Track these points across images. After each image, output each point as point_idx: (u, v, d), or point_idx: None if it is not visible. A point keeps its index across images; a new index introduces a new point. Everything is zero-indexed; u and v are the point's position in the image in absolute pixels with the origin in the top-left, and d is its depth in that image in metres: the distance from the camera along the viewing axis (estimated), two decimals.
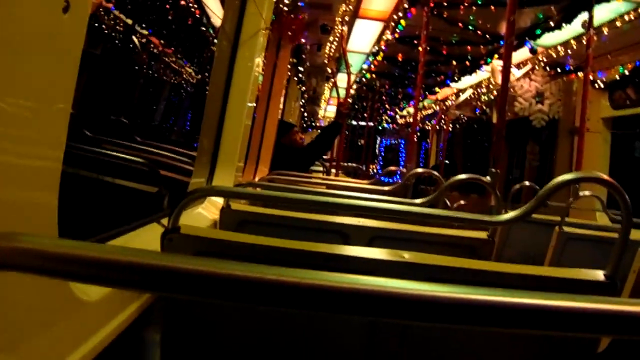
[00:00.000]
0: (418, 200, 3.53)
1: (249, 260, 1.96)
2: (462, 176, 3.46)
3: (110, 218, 2.77)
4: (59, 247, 0.79)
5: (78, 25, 1.27)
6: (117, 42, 11.75)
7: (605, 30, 7.73)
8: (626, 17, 7.29)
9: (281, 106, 8.05)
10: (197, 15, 9.72)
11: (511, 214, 2.14)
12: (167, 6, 10.45)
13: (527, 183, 6.74)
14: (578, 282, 2.05)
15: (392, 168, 6.95)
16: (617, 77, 8.92)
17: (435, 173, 4.43)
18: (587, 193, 5.77)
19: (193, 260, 0.79)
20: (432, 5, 7.58)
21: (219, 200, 3.30)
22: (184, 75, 17.59)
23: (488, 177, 3.99)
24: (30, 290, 1.26)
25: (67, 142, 1.30)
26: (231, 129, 4.00)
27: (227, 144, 3.99)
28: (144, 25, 12.47)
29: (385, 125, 25.64)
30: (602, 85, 9.31)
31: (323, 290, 0.80)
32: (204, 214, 3.32)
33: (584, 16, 7.02)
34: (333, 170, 10.61)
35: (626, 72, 8.71)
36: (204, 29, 10.44)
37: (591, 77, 8.94)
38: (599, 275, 2.02)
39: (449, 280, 1.98)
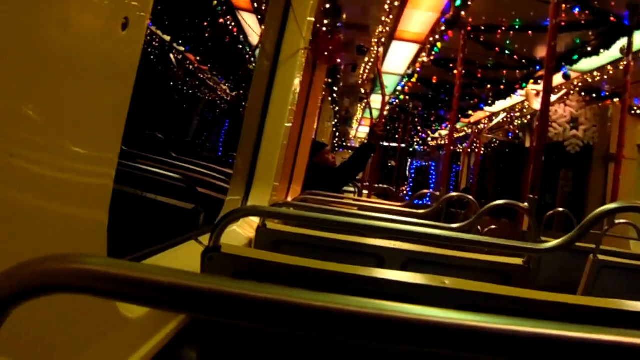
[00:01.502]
0: (454, 225, 3.51)
1: (286, 281, 1.98)
2: (500, 202, 3.44)
3: (148, 234, 2.80)
4: (111, 267, 0.80)
5: (135, 42, 1.29)
6: (153, 57, 11.88)
7: None
8: None
9: (315, 125, 8.07)
10: (235, 33, 9.79)
11: (553, 243, 2.13)
12: (205, 24, 10.54)
13: (560, 209, 6.69)
14: (617, 313, 2.03)
15: (425, 191, 6.93)
16: None
17: (470, 197, 4.43)
18: (622, 221, 5.72)
19: (234, 283, 0.80)
20: (469, 28, 7.59)
21: (255, 219, 3.31)
22: (219, 92, 17.73)
23: (525, 204, 3.97)
24: (81, 306, 1.28)
25: None
26: (268, 148, 4.02)
27: (264, 163, 4.01)
28: (180, 42, 12.60)
29: (417, 147, 25.62)
30: (638, 112, 9.24)
31: (361, 317, 0.80)
32: (240, 232, 3.33)
33: (622, 41, 6.98)
34: (365, 192, 10.62)
35: None
36: (240, 46, 10.51)
37: (628, 104, 8.89)
38: (639, 306, 2.00)
39: (487, 307, 1.99)
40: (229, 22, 9.31)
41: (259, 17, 7.87)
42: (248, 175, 3.97)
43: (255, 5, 7.50)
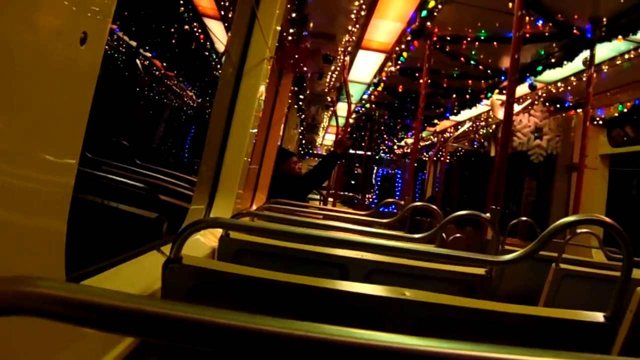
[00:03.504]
0: (417, 235, 3.53)
1: (247, 293, 1.97)
2: (462, 212, 3.47)
3: (109, 243, 2.77)
4: (63, 290, 0.79)
5: (94, 56, 1.28)
6: (120, 63, 11.80)
7: (606, 68, 7.80)
8: (626, 56, 7.35)
9: (280, 133, 8.07)
10: (201, 40, 9.76)
11: (512, 255, 2.15)
12: (171, 30, 10.48)
13: (523, 218, 6.75)
14: (578, 324, 2.05)
15: (390, 200, 6.94)
16: (616, 114, 8.97)
17: (434, 207, 4.44)
18: (584, 230, 5.79)
19: (181, 307, 0.79)
20: (434, 39, 7.64)
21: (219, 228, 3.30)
22: (185, 99, 17.65)
23: (488, 214, 4.00)
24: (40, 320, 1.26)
25: None
26: (232, 156, 4.00)
27: (228, 171, 3.99)
28: (147, 48, 12.53)
29: (383, 155, 25.69)
30: (601, 123, 9.37)
31: (306, 341, 0.80)
32: (203, 241, 3.31)
33: (585, 54, 7.08)
34: (330, 199, 10.63)
35: (625, 110, 8.77)
36: (207, 53, 10.48)
37: (590, 114, 9.01)
38: (599, 317, 2.03)
39: (448, 319, 2.00)
40: (195, 29, 9.28)
41: (226, 24, 7.84)
42: (212, 183, 3.95)
43: (222, 13, 7.47)
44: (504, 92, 9.05)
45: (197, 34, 9.45)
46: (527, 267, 5.43)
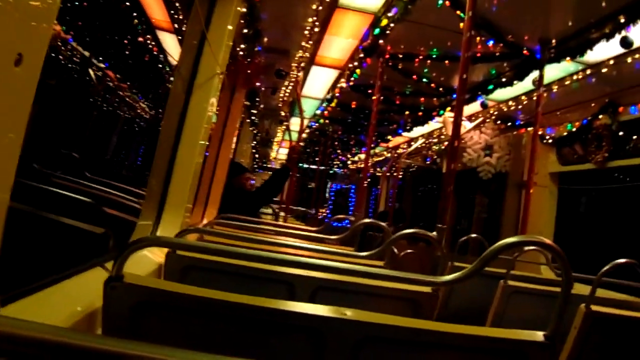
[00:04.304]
0: (364, 253, 3.55)
1: (191, 312, 1.96)
2: (408, 231, 3.49)
3: (54, 259, 2.72)
4: None
5: (30, 77, 1.26)
6: (73, 73, 11.69)
7: (555, 88, 7.93)
8: (575, 77, 7.49)
9: (233, 146, 8.04)
10: (154, 53, 9.72)
11: (453, 276, 2.17)
12: (125, 41, 10.42)
13: (473, 235, 6.80)
14: (518, 343, 2.08)
15: (341, 216, 6.96)
16: (565, 133, 9.12)
17: (383, 225, 4.45)
18: (531, 248, 5.86)
19: (98, 339, 0.79)
20: (387, 56, 7.69)
21: None
22: (138, 111, 17.54)
23: (434, 233, 4.03)
24: None
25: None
26: (182, 170, 3.97)
27: (178, 185, 3.95)
28: (100, 58, 12.44)
29: (337, 169, 25.74)
30: (550, 141, 9.51)
31: None
32: (150, 257, 3.28)
33: (535, 74, 7.19)
34: (283, 213, 10.61)
35: (574, 129, 8.92)
36: (160, 66, 10.43)
37: (540, 133, 9.15)
38: (539, 336, 2.06)
39: (388, 339, 2.01)
40: (148, 41, 9.24)
41: (179, 37, 7.83)
42: (161, 197, 3.92)
43: (176, 26, 7.45)
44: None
45: (150, 46, 9.41)
46: (476, 284, 5.46)
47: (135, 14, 7.92)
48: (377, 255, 3.67)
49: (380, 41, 6.69)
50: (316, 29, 6.89)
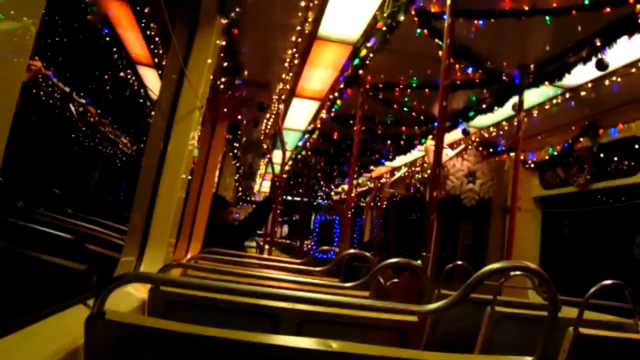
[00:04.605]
0: (349, 284, 3.53)
1: (175, 349, 1.93)
2: (393, 260, 3.48)
3: (35, 297, 2.69)
4: None
5: (5, 113, 1.25)
6: (54, 109, 11.66)
7: (535, 113, 7.99)
8: (554, 101, 7.55)
9: (215, 181, 8.02)
10: (135, 88, 9.72)
11: (438, 304, 2.14)
12: (106, 77, 10.42)
13: (459, 262, 6.79)
14: None
15: (325, 248, 6.95)
16: (547, 157, 9.18)
17: (367, 255, 4.45)
18: (517, 273, 5.85)
19: None
20: (367, 86, 7.72)
21: None
22: (120, 146, 17.51)
23: (419, 262, 4.02)
24: None
25: None
26: (164, 204, 3.94)
27: (160, 220, 3.93)
28: (82, 94, 12.43)
29: (320, 201, 25.74)
30: (532, 166, 9.57)
31: None
32: (133, 293, 3.24)
33: (515, 99, 7.24)
34: (267, 246, 10.57)
35: (555, 153, 8.98)
36: (141, 100, 10.43)
37: (522, 158, 9.21)
38: None
39: None
40: (129, 76, 9.24)
41: (160, 72, 7.83)
42: (143, 233, 3.88)
43: (156, 60, 7.45)
44: None
45: (130, 81, 9.41)
46: (463, 311, 5.44)
47: (115, 49, 7.93)
48: (362, 285, 3.66)
49: (360, 71, 6.70)
50: (296, 61, 6.92)
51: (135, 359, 1.98)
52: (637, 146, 7.17)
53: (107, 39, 7.49)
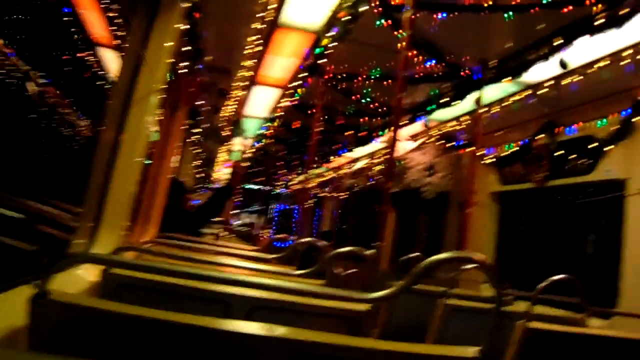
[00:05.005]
0: (299, 272, 3.54)
1: (122, 331, 1.92)
2: (345, 249, 3.49)
3: None
4: None
5: None
6: (13, 88, 11.49)
7: (496, 109, 8.06)
8: (515, 98, 7.62)
9: (174, 166, 7.97)
10: (95, 69, 9.61)
11: (384, 292, 2.16)
12: (66, 57, 10.27)
13: (415, 254, 6.82)
14: (451, 359, 2.09)
15: (281, 235, 6.95)
16: (506, 153, 9.26)
17: (321, 243, 4.45)
18: (470, 266, 5.89)
19: None
20: (329, 76, 7.72)
21: None
22: (79, 128, 17.29)
23: (371, 251, 4.04)
24: None
25: None
26: (119, 187, 3.89)
27: (114, 202, 3.87)
28: (42, 74, 12.26)
29: (281, 190, 25.70)
30: (491, 161, 9.64)
31: None
32: (85, 275, 3.20)
33: (476, 94, 7.29)
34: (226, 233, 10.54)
35: (514, 149, 9.06)
36: (101, 82, 10.31)
37: (481, 153, 9.28)
38: (473, 352, 2.06)
39: (321, 356, 2.00)
40: (89, 57, 9.13)
41: (121, 54, 7.74)
42: (97, 215, 3.84)
43: (117, 42, 7.37)
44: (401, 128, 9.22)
45: (91, 62, 9.29)
46: (417, 302, 5.48)
47: (75, 29, 7.82)
48: (314, 273, 3.66)
49: (322, 60, 6.70)
50: (258, 48, 6.89)
51: (81, 341, 1.96)
52: (593, 145, 7.26)
53: (68, 18, 7.38)
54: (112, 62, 9.03)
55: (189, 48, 6.16)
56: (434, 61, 6.79)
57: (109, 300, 2.54)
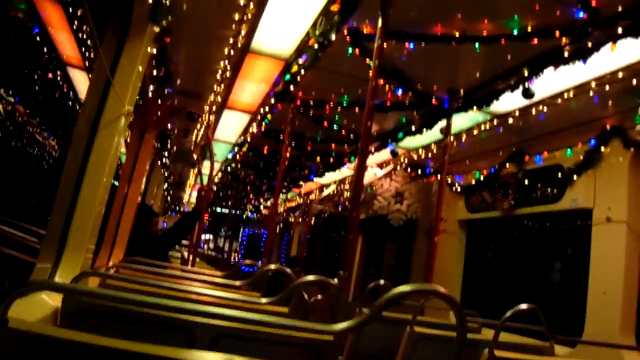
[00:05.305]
0: (264, 300, 3.52)
1: None
2: (310, 277, 3.49)
3: None
4: None
5: None
6: None
7: (464, 137, 8.12)
8: (483, 127, 7.68)
9: (142, 189, 7.91)
10: (65, 90, 9.55)
11: (347, 324, 2.14)
12: (35, 76, 10.22)
13: (382, 282, 6.81)
14: None
15: (248, 261, 6.92)
16: (474, 181, 9.32)
17: (287, 270, 4.44)
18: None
19: None
20: (298, 103, 7.73)
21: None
22: (47, 148, 17.17)
23: (336, 280, 4.03)
24: None
25: None
26: (84, 210, 3.84)
27: (79, 226, 3.82)
28: (10, 92, 12.18)
29: (250, 214, 25.62)
30: (459, 189, 9.70)
31: None
32: (46, 300, 3.15)
33: (444, 122, 7.33)
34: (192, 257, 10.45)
35: (482, 178, 9.13)
36: (70, 103, 10.25)
37: (449, 181, 9.34)
38: None
39: None
40: (59, 77, 9.07)
41: (90, 75, 7.70)
42: (61, 238, 3.78)
43: (87, 63, 7.33)
44: (370, 156, 9.26)
45: (60, 82, 9.24)
46: (385, 330, 5.48)
47: (45, 49, 7.77)
48: (280, 300, 3.65)
49: (291, 87, 6.70)
50: (228, 73, 6.89)
51: None
52: (560, 174, 7.34)
53: (37, 38, 7.34)
54: (82, 82, 8.98)
55: (159, 71, 6.15)
56: (402, 90, 6.82)
57: (71, 326, 2.50)
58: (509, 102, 6.49)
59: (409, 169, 10.88)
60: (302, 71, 6.21)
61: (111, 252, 6.54)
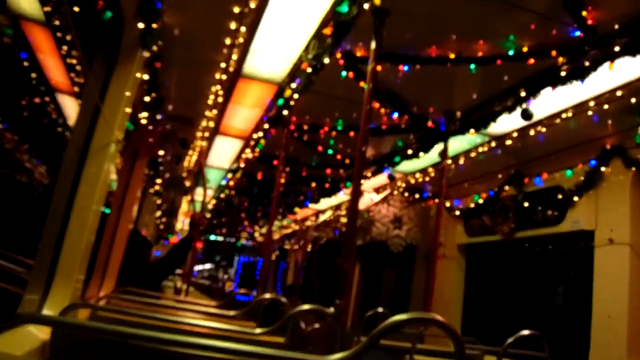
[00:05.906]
0: (259, 330, 3.44)
1: None
2: (306, 306, 3.41)
3: None
4: None
5: None
6: None
7: (462, 160, 8.05)
8: (481, 149, 7.62)
9: (134, 217, 7.82)
10: (54, 116, 9.48)
11: (341, 355, 2.06)
12: (24, 102, 10.12)
13: (380, 309, 6.72)
14: None
15: (243, 290, 6.83)
16: (472, 205, 9.24)
17: (282, 300, 4.37)
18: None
19: None
20: (292, 127, 7.66)
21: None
22: (36, 175, 17.06)
23: (332, 309, 3.96)
24: None
25: None
26: (74, 239, 3.76)
27: (68, 256, 3.73)
28: None
29: (245, 242, 25.50)
30: (458, 213, 9.62)
31: None
32: (34, 332, 3.05)
33: (441, 146, 7.26)
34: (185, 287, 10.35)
35: (481, 201, 9.05)
36: (60, 129, 10.18)
37: (448, 205, 9.26)
38: None
39: None
40: (48, 103, 9.01)
41: (80, 101, 7.63)
42: (50, 268, 3.68)
43: (76, 89, 7.27)
44: (365, 180, 9.18)
45: (49, 108, 9.18)
46: (383, 358, 5.38)
47: (33, 75, 7.71)
48: (275, 331, 3.57)
49: (285, 112, 6.64)
50: (220, 99, 6.84)
51: None
52: (560, 196, 7.26)
53: (25, 63, 7.28)
54: (71, 108, 8.92)
55: (150, 97, 6.07)
56: (398, 113, 6.76)
57: None
58: (507, 123, 6.44)
59: (406, 193, 10.82)
60: (296, 95, 6.14)
61: (102, 282, 6.43)
